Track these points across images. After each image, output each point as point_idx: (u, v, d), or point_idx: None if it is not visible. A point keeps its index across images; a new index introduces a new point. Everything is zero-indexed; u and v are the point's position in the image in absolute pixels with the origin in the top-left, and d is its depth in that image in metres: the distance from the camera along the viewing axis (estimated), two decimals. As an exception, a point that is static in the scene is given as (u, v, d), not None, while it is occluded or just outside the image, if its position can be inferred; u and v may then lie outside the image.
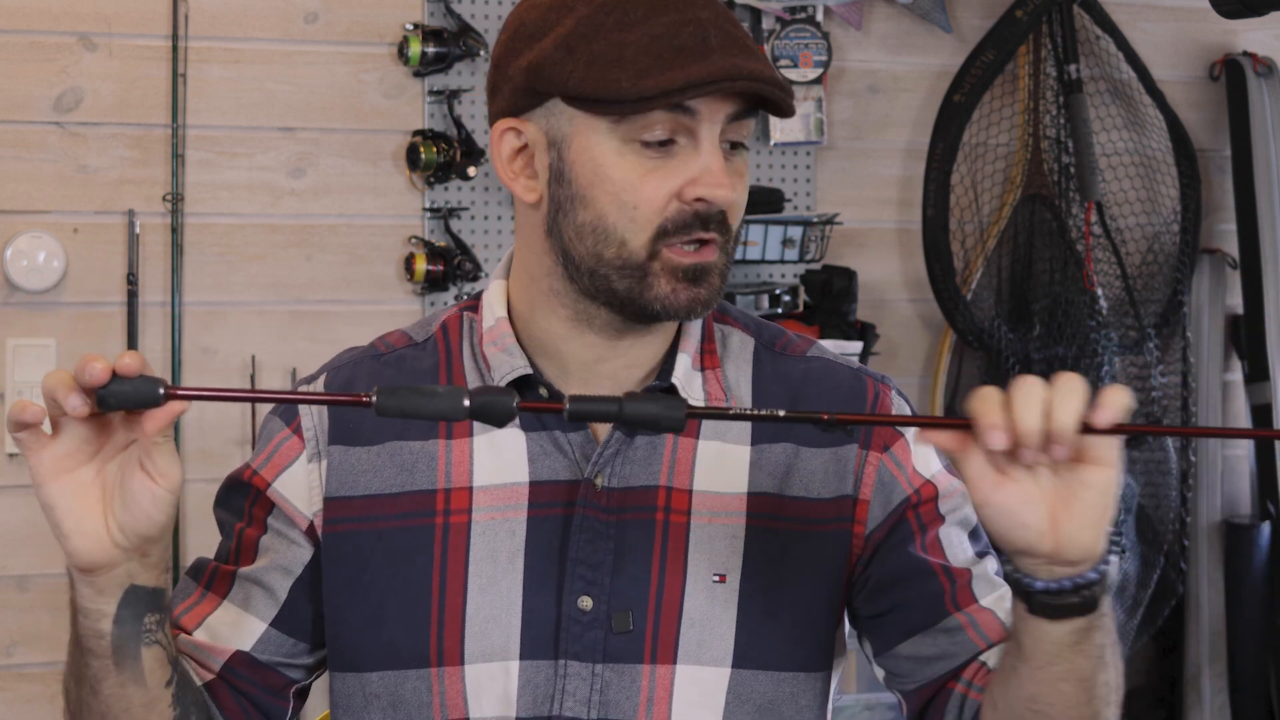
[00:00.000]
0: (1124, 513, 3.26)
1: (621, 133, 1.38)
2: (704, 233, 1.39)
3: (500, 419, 1.20)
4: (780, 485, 1.46)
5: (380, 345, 1.55)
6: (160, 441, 1.22)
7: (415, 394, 1.19)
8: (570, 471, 1.44)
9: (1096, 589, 1.24)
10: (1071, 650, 1.27)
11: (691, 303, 1.40)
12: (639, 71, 1.35)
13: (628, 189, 1.38)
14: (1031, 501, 1.20)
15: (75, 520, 1.25)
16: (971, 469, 1.20)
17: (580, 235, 1.41)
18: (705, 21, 1.37)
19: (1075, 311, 3.29)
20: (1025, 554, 1.22)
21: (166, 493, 1.24)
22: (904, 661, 1.47)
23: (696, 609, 1.42)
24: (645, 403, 1.21)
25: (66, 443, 1.23)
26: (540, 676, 1.42)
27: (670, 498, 1.44)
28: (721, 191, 1.38)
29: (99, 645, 1.32)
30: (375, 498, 1.46)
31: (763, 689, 1.44)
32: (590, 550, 1.42)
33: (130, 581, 1.30)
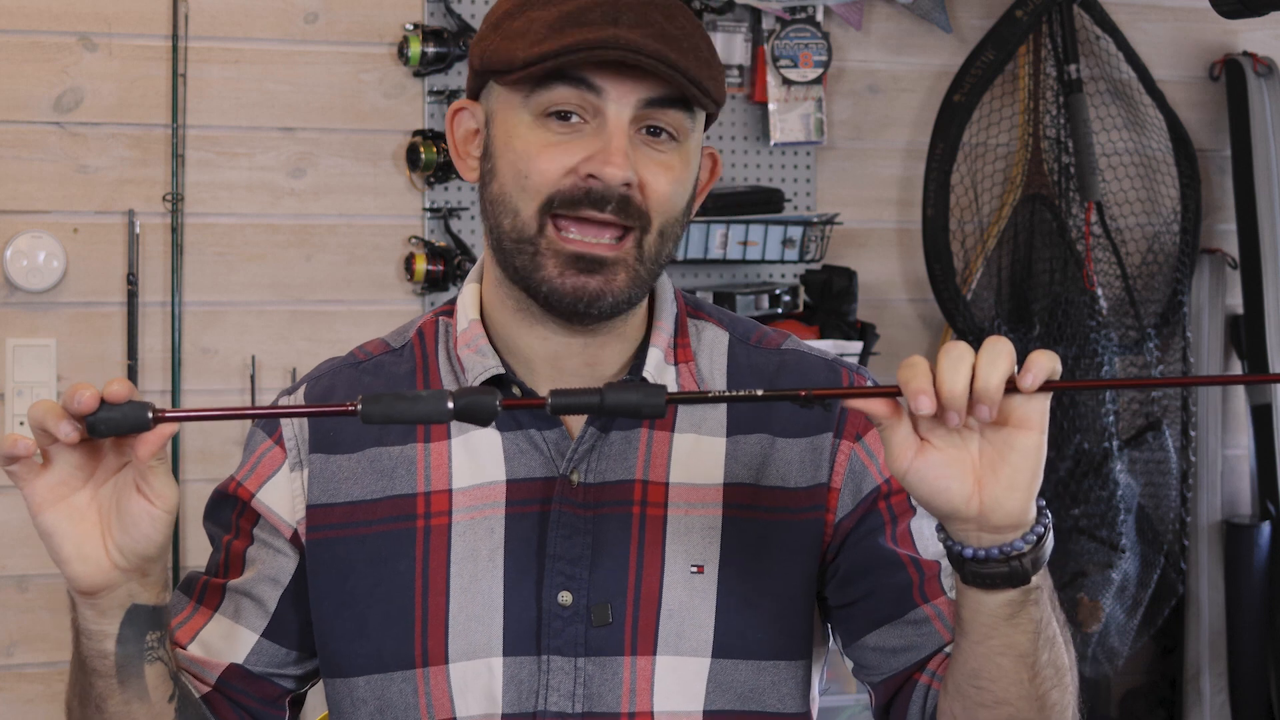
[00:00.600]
0: (1124, 513, 3.26)
1: (531, 106, 1.39)
2: (593, 210, 1.37)
3: (484, 418, 1.20)
4: (756, 476, 1.46)
5: (358, 353, 1.56)
6: (154, 464, 1.22)
7: (399, 400, 1.20)
8: (546, 469, 1.45)
9: (1025, 560, 1.25)
10: (1007, 624, 1.28)
11: (577, 291, 1.39)
12: (533, 41, 1.37)
13: (524, 158, 1.39)
14: (953, 466, 1.21)
15: (74, 545, 1.25)
16: (895, 436, 1.21)
17: (492, 207, 1.43)
18: (625, 5, 1.37)
19: (1075, 311, 3.29)
20: (952, 519, 1.24)
21: (163, 513, 1.25)
22: (871, 653, 1.47)
23: (675, 600, 1.43)
24: (625, 392, 1.21)
25: (59, 471, 1.24)
26: (524, 672, 1.42)
27: (646, 491, 1.45)
28: (612, 170, 1.36)
29: (103, 665, 1.33)
30: (356, 504, 1.47)
31: (743, 678, 1.44)
32: (568, 545, 1.43)
33: (131, 601, 1.31)
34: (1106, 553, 3.26)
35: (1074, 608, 3.24)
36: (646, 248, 1.40)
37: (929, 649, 1.45)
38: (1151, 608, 3.37)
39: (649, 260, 1.41)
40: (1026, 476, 1.22)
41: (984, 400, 1.17)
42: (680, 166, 1.41)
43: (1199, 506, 3.48)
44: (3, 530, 2.94)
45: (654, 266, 1.42)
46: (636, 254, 1.40)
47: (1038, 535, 1.25)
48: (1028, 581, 1.26)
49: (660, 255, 1.42)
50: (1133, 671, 3.53)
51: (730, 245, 3.16)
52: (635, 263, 1.40)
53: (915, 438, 1.22)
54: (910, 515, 1.48)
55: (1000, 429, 1.21)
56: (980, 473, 1.22)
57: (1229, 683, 3.45)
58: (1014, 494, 1.22)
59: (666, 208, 1.41)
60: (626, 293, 1.40)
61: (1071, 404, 3.29)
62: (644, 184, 1.39)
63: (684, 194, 1.43)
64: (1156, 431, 3.37)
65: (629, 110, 1.38)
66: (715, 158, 1.52)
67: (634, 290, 1.41)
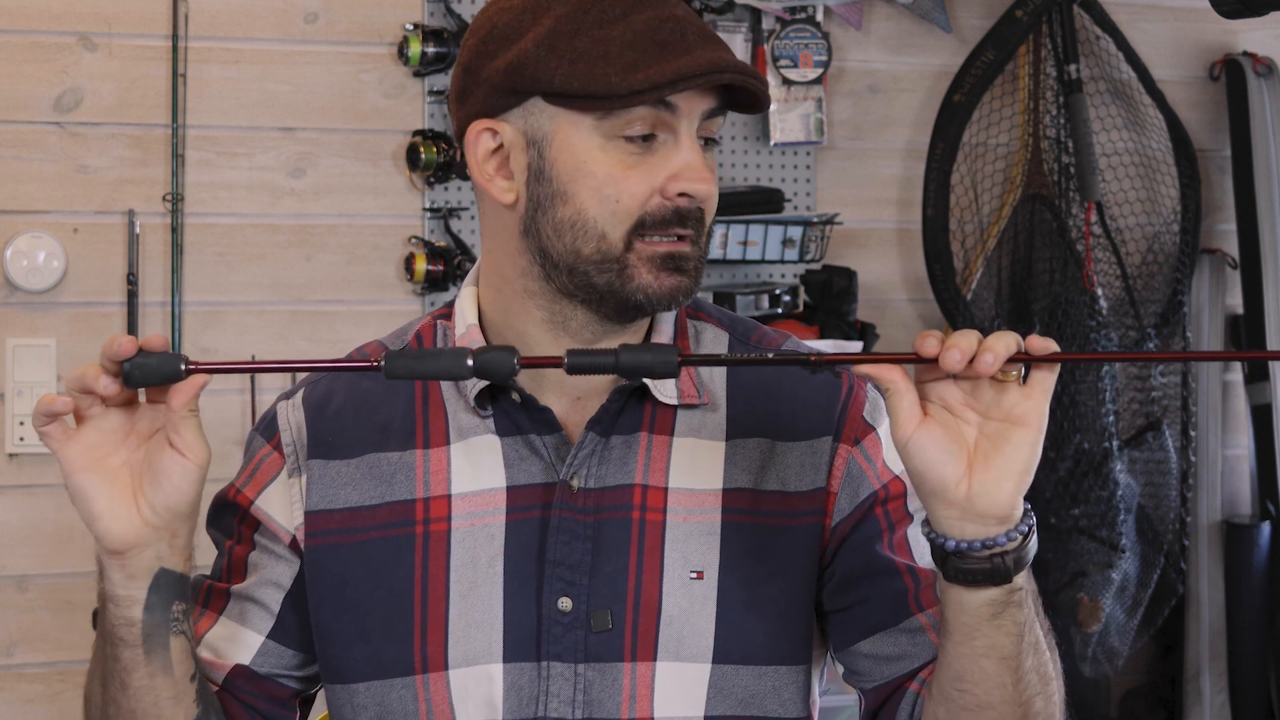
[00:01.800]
0: (1124, 513, 3.26)
1: (605, 129, 1.39)
2: (681, 229, 1.41)
3: (503, 375, 1.25)
4: (755, 480, 1.46)
5: (356, 355, 1.57)
6: (186, 415, 1.26)
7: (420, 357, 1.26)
8: (546, 474, 1.45)
9: (1008, 557, 1.27)
10: (989, 624, 1.29)
11: (673, 290, 1.42)
12: (626, 66, 1.36)
13: (610, 183, 1.39)
14: (951, 443, 1.25)
15: (106, 501, 1.28)
16: (902, 403, 1.25)
17: (559, 232, 1.41)
18: (681, 19, 1.39)
19: (1075, 311, 3.29)
20: (939, 499, 1.26)
21: (195, 467, 1.28)
22: (863, 659, 1.47)
23: (675, 606, 1.43)
24: (640, 352, 1.26)
25: (93, 433, 1.27)
26: (524, 679, 1.42)
27: (646, 496, 1.44)
28: (703, 186, 1.40)
29: (129, 633, 1.34)
30: (355, 510, 1.47)
31: (744, 683, 1.44)
32: (568, 551, 1.43)
33: (159, 564, 1.32)
34: (1106, 553, 3.26)
35: (1074, 608, 3.25)
36: (703, 245, 1.45)
37: (922, 658, 1.45)
38: (1151, 608, 3.37)
39: (704, 255, 1.46)
40: (1018, 469, 1.25)
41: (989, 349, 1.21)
42: (715, 168, 1.46)
43: (1199, 506, 3.48)
44: (3, 530, 2.94)
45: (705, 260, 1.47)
46: (699, 252, 1.44)
47: (1021, 534, 1.27)
48: (1010, 580, 1.28)
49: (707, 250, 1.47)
50: (1133, 671, 3.53)
51: (730, 245, 3.16)
52: (699, 258, 1.44)
53: (920, 408, 1.25)
54: (907, 523, 1.48)
55: (998, 423, 1.25)
56: (973, 458, 1.25)
57: (1229, 683, 3.45)
58: (1003, 484, 1.25)
59: (713, 211, 1.45)
60: (698, 284, 1.45)
61: (1071, 404, 3.29)
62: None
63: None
64: (1156, 431, 3.37)
65: (696, 123, 1.41)
66: None
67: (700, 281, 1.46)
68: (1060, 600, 3.26)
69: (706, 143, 1.44)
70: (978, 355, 1.22)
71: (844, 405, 1.49)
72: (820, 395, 1.49)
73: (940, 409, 1.26)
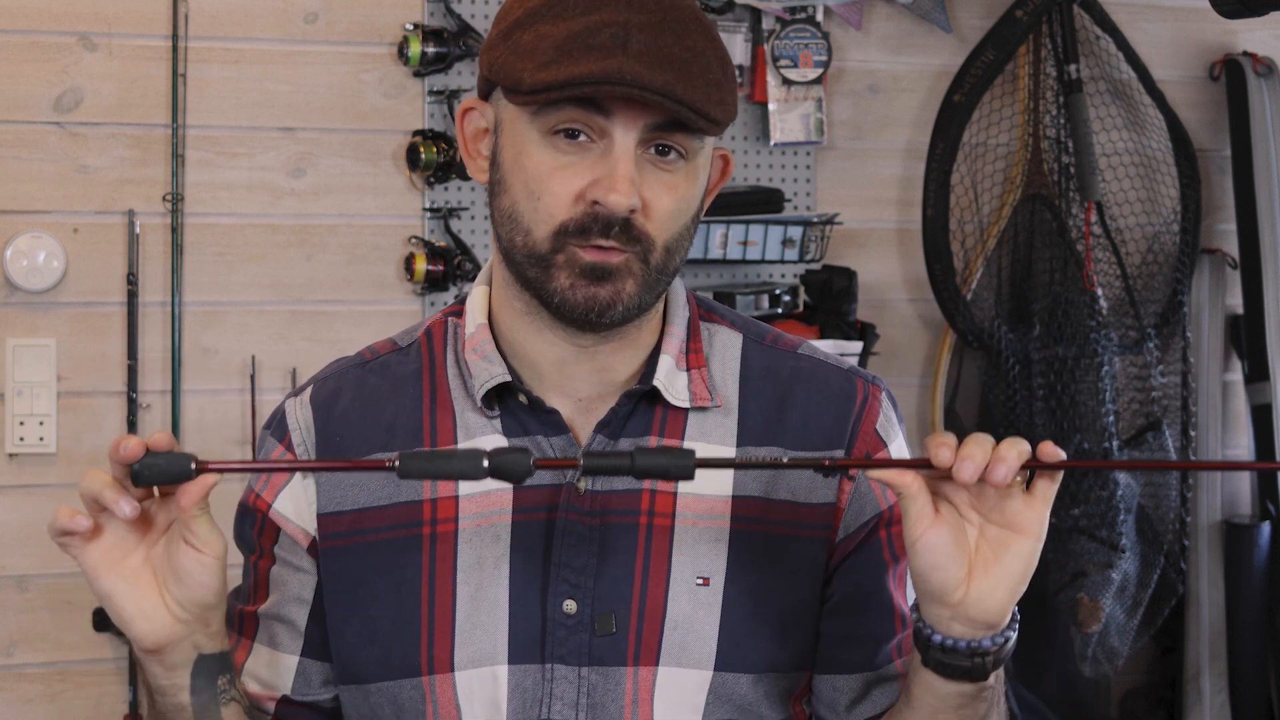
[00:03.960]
0: (1124, 513, 3.26)
1: (539, 124, 1.38)
2: (602, 239, 1.37)
3: (518, 477, 1.25)
4: (766, 489, 1.46)
5: (366, 353, 1.56)
6: (197, 514, 1.26)
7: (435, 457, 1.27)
8: (554, 476, 1.44)
9: (988, 659, 1.30)
10: (954, 711, 1.34)
11: (589, 301, 1.38)
12: (541, 63, 1.35)
13: (536, 180, 1.38)
14: (955, 549, 1.27)
15: (136, 605, 1.29)
16: (914, 506, 1.26)
17: (502, 220, 1.42)
18: (636, 25, 1.35)
19: (1075, 311, 3.29)
20: (936, 600, 1.28)
21: (213, 560, 1.28)
22: (832, 691, 1.49)
23: (680, 612, 1.43)
24: (655, 455, 1.26)
25: (111, 536, 1.28)
26: (528, 681, 1.42)
27: (654, 501, 1.44)
28: (616, 197, 1.35)
29: (182, 717, 1.36)
30: (364, 511, 1.47)
31: (742, 690, 1.45)
32: (574, 554, 1.43)
33: (197, 652, 1.34)
34: (1106, 553, 3.26)
35: (1074, 608, 3.24)
36: (653, 263, 1.40)
37: (885, 704, 1.47)
38: (1151, 608, 3.37)
39: (656, 271, 1.40)
40: (1013, 580, 1.27)
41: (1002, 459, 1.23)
42: (686, 184, 1.40)
43: (1199, 506, 3.48)
44: (3, 530, 2.94)
45: (662, 276, 1.41)
46: (643, 265, 1.39)
47: (1005, 638, 1.31)
48: (985, 679, 1.31)
49: (669, 266, 1.42)
50: (1133, 671, 3.53)
51: (730, 245, 3.16)
52: (643, 272, 1.39)
53: (932, 511, 1.27)
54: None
55: (1000, 530, 1.27)
56: (974, 565, 1.27)
57: (1229, 683, 3.45)
58: (997, 593, 1.27)
59: (669, 226, 1.40)
60: (636, 300, 1.40)
61: (1071, 404, 3.29)
62: (647, 205, 1.38)
63: (689, 210, 1.42)
64: (1156, 431, 3.37)
65: (635, 134, 1.37)
66: (728, 159, 1.50)
67: (644, 297, 1.40)
68: (1060, 600, 3.26)
69: (663, 151, 1.39)
70: (991, 466, 1.23)
71: (857, 418, 1.48)
72: (834, 406, 1.49)
73: (950, 510, 1.28)
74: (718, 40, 1.41)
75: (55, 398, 2.94)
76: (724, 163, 1.50)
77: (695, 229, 1.45)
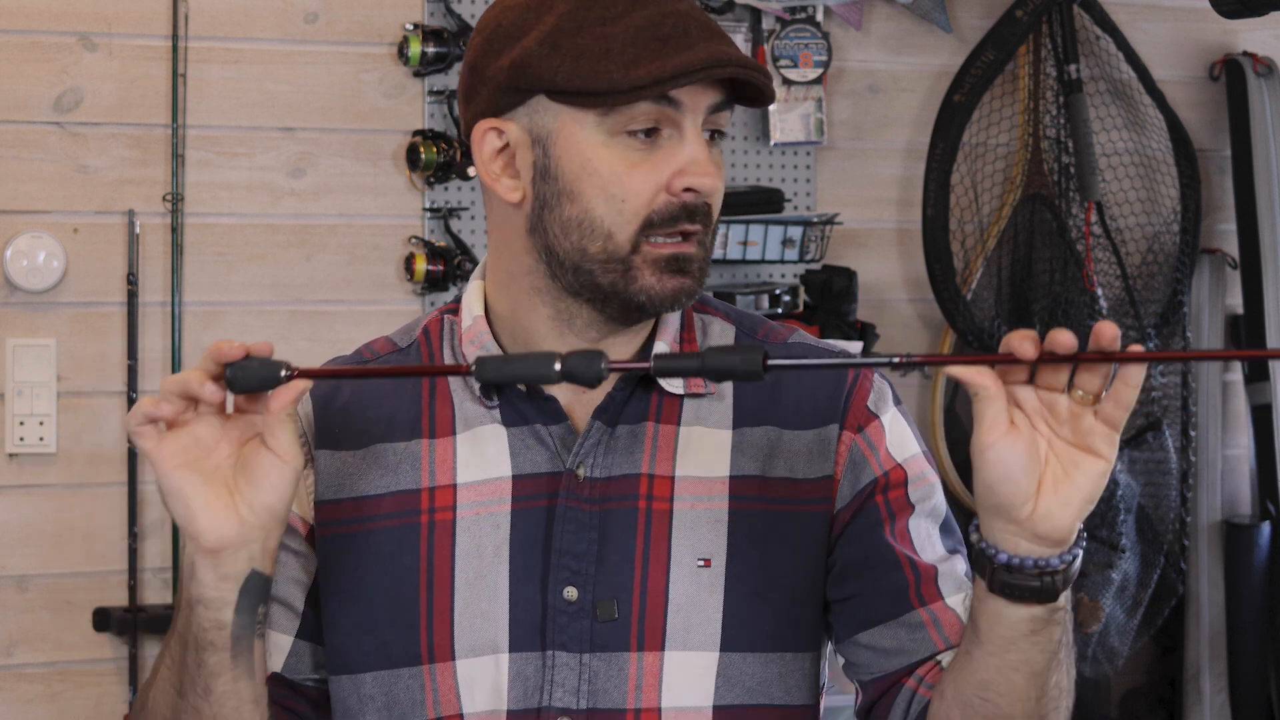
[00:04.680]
0: (1124, 513, 3.26)
1: (608, 125, 1.39)
2: (689, 224, 1.41)
3: (591, 380, 1.24)
4: (763, 467, 1.46)
5: (365, 352, 1.56)
6: (284, 420, 1.27)
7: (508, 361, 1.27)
8: (552, 463, 1.45)
9: (1058, 578, 1.25)
10: (1027, 639, 1.28)
11: (676, 292, 1.42)
12: (628, 62, 1.37)
13: (615, 181, 1.40)
14: (1029, 460, 1.22)
15: (204, 499, 1.28)
16: (991, 409, 1.21)
17: (565, 231, 1.42)
18: (684, 14, 1.40)
19: (1075, 311, 3.29)
20: (1002, 514, 1.24)
21: (291, 469, 1.29)
22: (863, 650, 1.46)
23: (682, 594, 1.43)
24: (725, 355, 1.25)
25: (186, 436, 1.27)
26: (529, 668, 1.42)
27: (652, 485, 1.44)
28: (708, 180, 1.41)
29: (219, 636, 1.33)
30: (362, 500, 1.47)
31: (752, 671, 1.44)
32: (574, 540, 1.43)
33: (251, 566, 1.32)
34: (1106, 553, 3.26)
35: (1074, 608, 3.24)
36: (708, 244, 1.45)
37: (921, 655, 1.44)
38: (1151, 608, 3.38)
39: (709, 253, 1.46)
40: (1082, 497, 1.23)
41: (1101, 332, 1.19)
42: (721, 165, 1.46)
43: (1199, 506, 3.48)
44: (3, 530, 2.94)
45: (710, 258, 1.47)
46: (704, 251, 1.44)
47: (1074, 555, 1.26)
48: (1055, 599, 1.26)
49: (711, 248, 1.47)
50: (1133, 671, 3.53)
51: (730, 245, 3.16)
52: (704, 259, 1.44)
53: (1007, 418, 1.22)
54: (909, 512, 1.47)
55: (1070, 448, 1.22)
56: (1043, 480, 1.23)
57: (1229, 683, 3.45)
58: (1067, 510, 1.23)
59: (719, 205, 1.46)
60: (702, 283, 1.45)
61: (1071, 404, 3.29)
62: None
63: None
64: (1156, 431, 3.37)
65: (701, 117, 1.41)
66: None
67: (704, 280, 1.45)
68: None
69: (713, 135, 1.44)
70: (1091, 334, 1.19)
71: (849, 393, 1.49)
72: (826, 384, 1.49)
73: (1025, 421, 1.22)
74: None
75: (55, 398, 2.94)
76: None
77: None
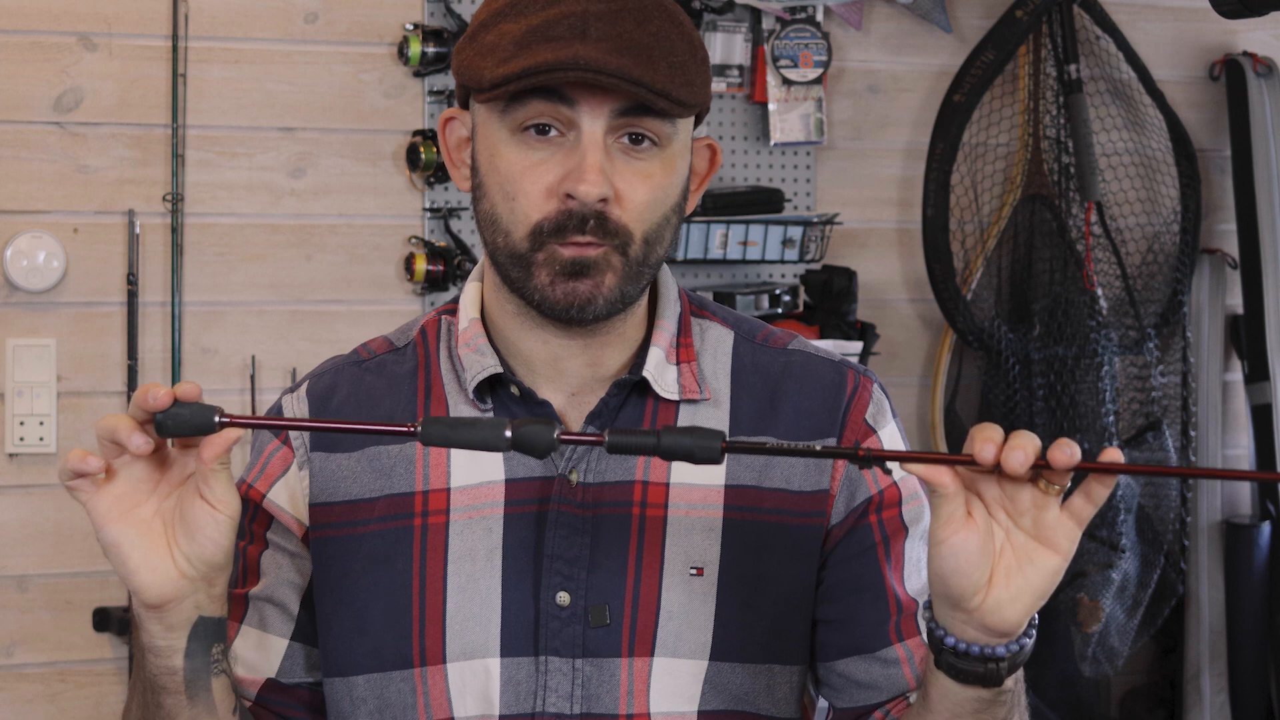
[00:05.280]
0: (1124, 513, 3.26)
1: (509, 122, 1.39)
2: (579, 236, 1.37)
3: (541, 450, 1.22)
4: (759, 478, 1.46)
5: (362, 352, 1.56)
6: (217, 469, 1.23)
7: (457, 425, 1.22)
8: (545, 468, 1.45)
9: (1002, 665, 1.26)
10: (972, 716, 1.30)
11: (568, 297, 1.38)
12: (502, 59, 1.36)
13: (510, 180, 1.39)
14: (981, 554, 1.21)
15: (142, 555, 1.25)
16: (948, 506, 1.21)
17: (484, 223, 1.43)
18: (595, 14, 1.35)
19: (1075, 311, 3.29)
20: (953, 604, 1.24)
21: (226, 518, 1.26)
22: (837, 677, 1.48)
23: (674, 602, 1.43)
24: (681, 435, 1.22)
25: (123, 483, 1.25)
26: (521, 673, 1.42)
27: (646, 492, 1.44)
28: (586, 187, 1.36)
29: (172, 682, 1.33)
30: (355, 503, 1.47)
31: (739, 680, 1.44)
32: (566, 546, 1.43)
33: (198, 614, 1.30)
34: (1106, 553, 3.26)
35: (1074, 608, 3.24)
36: (632, 255, 1.40)
37: (892, 691, 1.45)
38: (1151, 608, 3.37)
39: (636, 263, 1.40)
40: (1034, 595, 1.22)
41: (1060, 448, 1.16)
42: (662, 173, 1.40)
43: (1199, 506, 3.48)
44: (3, 530, 2.94)
45: (644, 268, 1.41)
46: (622, 259, 1.39)
47: (1020, 645, 1.26)
48: (999, 684, 1.27)
49: (650, 258, 1.41)
50: (1133, 671, 3.53)
51: (730, 245, 3.16)
52: (622, 265, 1.39)
53: (965, 513, 1.22)
54: (902, 536, 1.48)
55: (1028, 540, 1.21)
56: (994, 573, 1.22)
57: (1229, 683, 3.45)
58: (1016, 605, 1.22)
59: (647, 216, 1.40)
60: (617, 293, 1.40)
61: (1071, 404, 3.29)
62: (621, 195, 1.38)
63: (667, 199, 1.41)
64: (1156, 431, 3.37)
65: (602, 122, 1.37)
66: (714, 148, 1.50)
67: (625, 290, 1.40)
68: (1060, 600, 3.26)
69: (638, 140, 1.39)
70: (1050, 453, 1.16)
71: (847, 407, 1.48)
72: (824, 396, 1.49)
73: (981, 512, 1.22)
74: (685, 25, 1.40)
75: (55, 398, 2.94)
76: (711, 152, 1.50)
77: (678, 220, 1.44)
